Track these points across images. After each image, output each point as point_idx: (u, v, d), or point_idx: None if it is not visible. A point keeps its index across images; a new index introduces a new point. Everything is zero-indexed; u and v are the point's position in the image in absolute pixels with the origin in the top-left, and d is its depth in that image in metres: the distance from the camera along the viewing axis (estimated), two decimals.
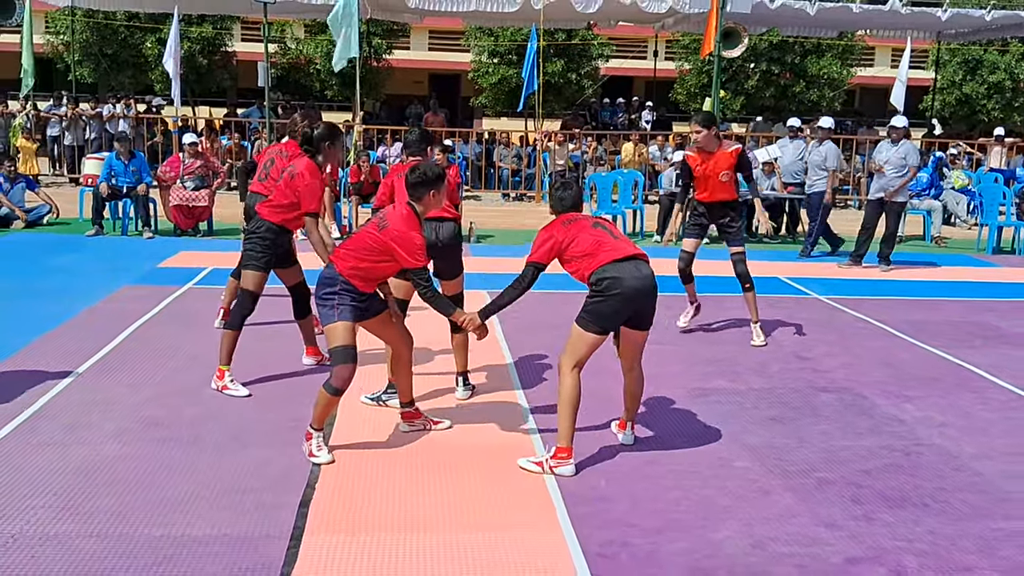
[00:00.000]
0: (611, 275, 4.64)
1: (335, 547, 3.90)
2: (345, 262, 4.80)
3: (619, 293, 4.63)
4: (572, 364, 4.72)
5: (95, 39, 25.26)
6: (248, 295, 5.92)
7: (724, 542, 4.06)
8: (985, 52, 27.46)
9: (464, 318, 4.91)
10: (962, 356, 7.26)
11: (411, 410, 5.33)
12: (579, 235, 4.76)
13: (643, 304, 4.77)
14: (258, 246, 5.91)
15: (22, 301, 8.13)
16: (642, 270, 4.71)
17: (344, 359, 4.72)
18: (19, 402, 5.50)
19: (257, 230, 5.95)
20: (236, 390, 5.83)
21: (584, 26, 22.90)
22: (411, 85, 32.90)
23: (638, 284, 4.67)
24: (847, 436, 5.45)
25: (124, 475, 4.55)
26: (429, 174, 4.86)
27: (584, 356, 4.74)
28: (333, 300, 4.77)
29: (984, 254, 12.96)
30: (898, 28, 19.47)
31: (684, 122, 26.84)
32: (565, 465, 4.69)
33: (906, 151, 10.99)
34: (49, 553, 3.76)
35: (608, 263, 4.66)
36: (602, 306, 4.68)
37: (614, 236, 4.83)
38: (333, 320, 4.75)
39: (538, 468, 4.72)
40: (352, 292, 4.79)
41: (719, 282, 10.09)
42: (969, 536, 4.19)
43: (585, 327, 4.71)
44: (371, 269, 4.81)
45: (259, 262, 5.92)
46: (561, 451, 4.71)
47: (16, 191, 12.93)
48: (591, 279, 4.70)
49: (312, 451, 4.81)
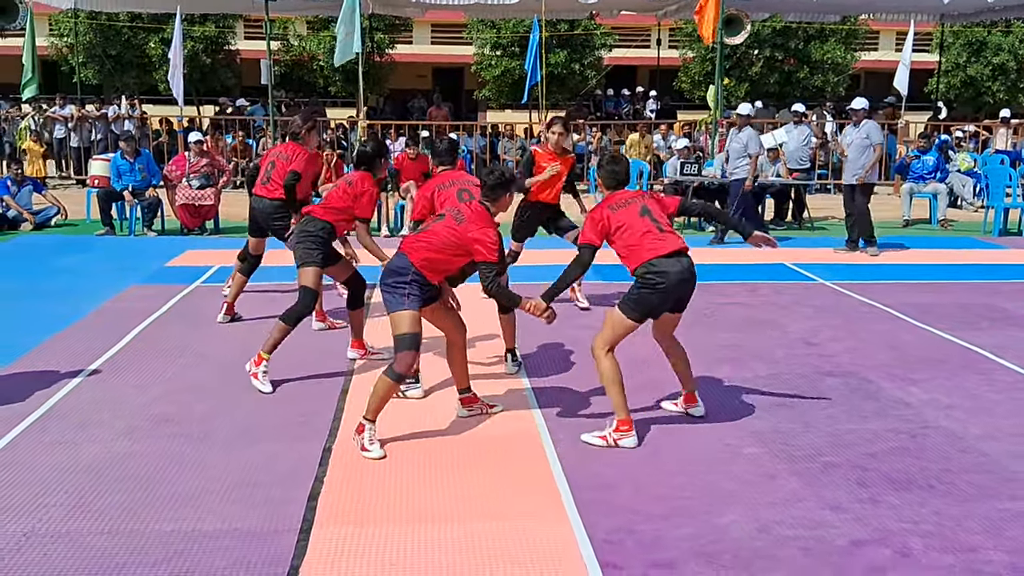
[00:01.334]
0: (657, 270, 4.87)
1: (344, 540, 3.94)
2: (419, 253, 4.90)
3: (665, 287, 4.89)
4: (608, 346, 4.96)
5: (99, 40, 25.33)
6: (310, 292, 6.10)
7: (730, 526, 4.09)
8: (989, 34, 27.35)
9: (530, 304, 4.97)
10: (968, 338, 7.26)
11: (469, 395, 5.47)
12: (627, 222, 4.98)
13: (684, 293, 5.05)
14: (313, 244, 6.15)
15: (31, 302, 8.19)
16: (684, 263, 4.95)
17: (411, 345, 4.83)
18: (30, 402, 5.55)
19: (312, 230, 6.17)
20: (262, 384, 5.87)
21: (586, 16, 22.86)
22: (414, 79, 32.92)
23: (681, 278, 4.93)
24: (853, 420, 5.47)
25: (135, 472, 4.59)
26: (507, 175, 5.08)
27: (619, 339, 4.99)
28: (404, 289, 4.87)
29: (990, 236, 12.93)
30: (901, 11, 19.39)
31: (689, 110, 26.82)
32: (627, 436, 4.93)
33: (868, 130, 10.93)
34: (61, 550, 3.81)
35: (654, 259, 4.89)
36: (648, 297, 4.92)
37: (660, 228, 5.00)
38: (403, 307, 4.85)
39: (602, 442, 4.94)
40: (422, 283, 4.91)
41: (720, 270, 10.11)
42: (975, 517, 4.20)
43: (627, 313, 4.94)
44: (444, 261, 4.94)
45: (316, 258, 6.15)
46: (622, 423, 4.94)
47: (23, 193, 13.01)
48: (637, 271, 4.94)
49: (365, 444, 4.82)
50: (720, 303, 8.39)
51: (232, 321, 7.45)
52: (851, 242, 11.22)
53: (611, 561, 3.77)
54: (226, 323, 7.43)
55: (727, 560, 3.80)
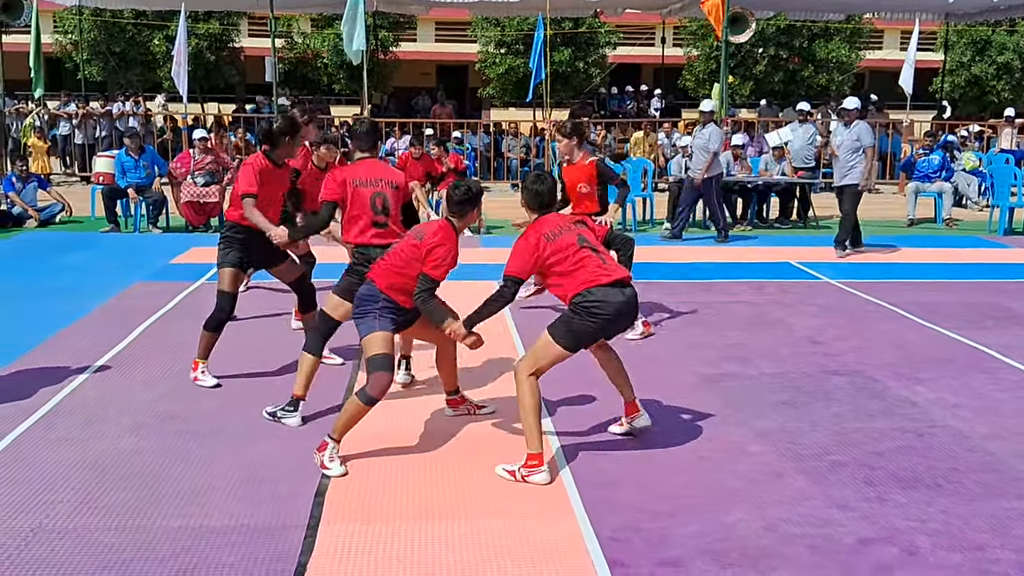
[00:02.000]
0: (598, 299, 4.51)
1: (351, 536, 3.94)
2: (384, 279, 4.76)
3: (604, 318, 4.53)
4: (531, 371, 4.59)
5: (103, 37, 25.36)
6: (224, 295, 5.88)
7: (736, 524, 4.08)
8: (993, 33, 27.32)
9: (451, 328, 4.72)
10: (974, 337, 7.25)
11: (456, 397, 5.43)
12: (564, 253, 4.59)
13: (621, 325, 4.72)
14: (225, 245, 5.91)
15: (36, 299, 8.20)
16: (627, 294, 4.61)
17: (383, 367, 4.62)
18: (36, 398, 5.56)
19: (224, 232, 5.97)
20: (205, 380, 5.85)
21: (591, 14, 22.87)
22: (418, 77, 32.93)
23: (623, 308, 4.58)
24: (859, 419, 5.46)
25: (141, 468, 4.60)
26: (473, 190, 4.82)
27: (545, 368, 4.63)
28: (374, 313, 4.72)
29: (995, 235, 12.90)
30: (906, 10, 19.35)
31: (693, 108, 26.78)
32: (538, 473, 4.50)
33: (858, 132, 10.84)
34: (69, 546, 3.81)
35: (594, 287, 4.53)
36: (582, 326, 4.56)
37: (601, 258, 4.67)
38: (373, 329, 4.68)
39: (510, 477, 4.53)
40: (394, 307, 4.76)
41: (725, 269, 10.11)
42: (982, 515, 4.20)
43: (557, 340, 4.58)
44: (409, 284, 4.72)
45: (229, 259, 5.88)
46: (532, 458, 4.53)
47: (28, 190, 13.02)
48: (575, 300, 4.56)
49: (324, 462, 4.61)
50: (725, 302, 8.38)
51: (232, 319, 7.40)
52: (855, 242, 11.18)
53: (618, 559, 3.77)
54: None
55: (734, 558, 3.79)
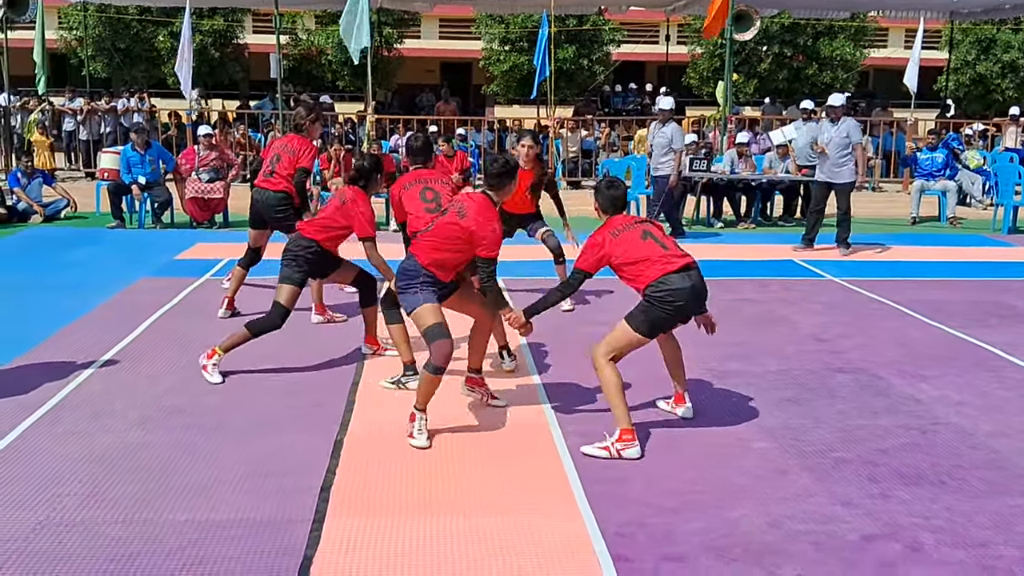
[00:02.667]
0: (668, 287, 4.76)
1: (357, 530, 3.96)
2: (426, 255, 4.93)
3: (676, 304, 4.79)
4: (609, 356, 4.84)
5: (108, 34, 25.41)
6: (280, 308, 5.94)
7: (741, 521, 4.09)
8: (998, 31, 27.30)
9: (511, 315, 5.04)
10: (978, 335, 7.26)
11: (477, 378, 5.54)
12: (630, 248, 4.86)
13: (694, 309, 4.97)
14: (295, 263, 5.99)
15: (42, 294, 8.22)
16: (694, 278, 4.85)
17: (441, 335, 4.82)
18: (42, 392, 5.58)
19: (296, 250, 6.02)
20: (211, 375, 5.88)
21: (595, 11, 22.84)
22: (422, 74, 32.94)
23: (693, 294, 4.84)
24: (863, 416, 5.47)
25: (148, 462, 4.62)
26: (511, 163, 5.06)
27: (622, 353, 4.88)
28: (416, 287, 4.92)
29: (999, 234, 12.90)
30: (910, 8, 19.33)
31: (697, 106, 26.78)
32: (631, 447, 4.75)
33: (847, 128, 10.78)
34: (76, 539, 3.83)
35: (663, 276, 4.78)
36: (658, 314, 4.81)
37: (664, 247, 4.90)
38: (419, 304, 4.89)
39: (605, 453, 4.75)
40: (434, 281, 4.94)
41: (730, 266, 10.11)
42: (986, 512, 4.21)
43: (636, 328, 4.83)
44: (451, 258, 4.96)
45: (295, 278, 5.99)
46: (625, 433, 4.77)
47: (34, 186, 13.05)
48: (647, 290, 4.81)
49: (413, 432, 4.89)
50: (730, 299, 8.38)
51: (232, 316, 7.44)
52: (807, 239, 11.11)
53: (623, 554, 3.78)
54: (227, 318, 7.43)
55: (738, 554, 3.81)
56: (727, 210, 13.71)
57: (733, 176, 13.49)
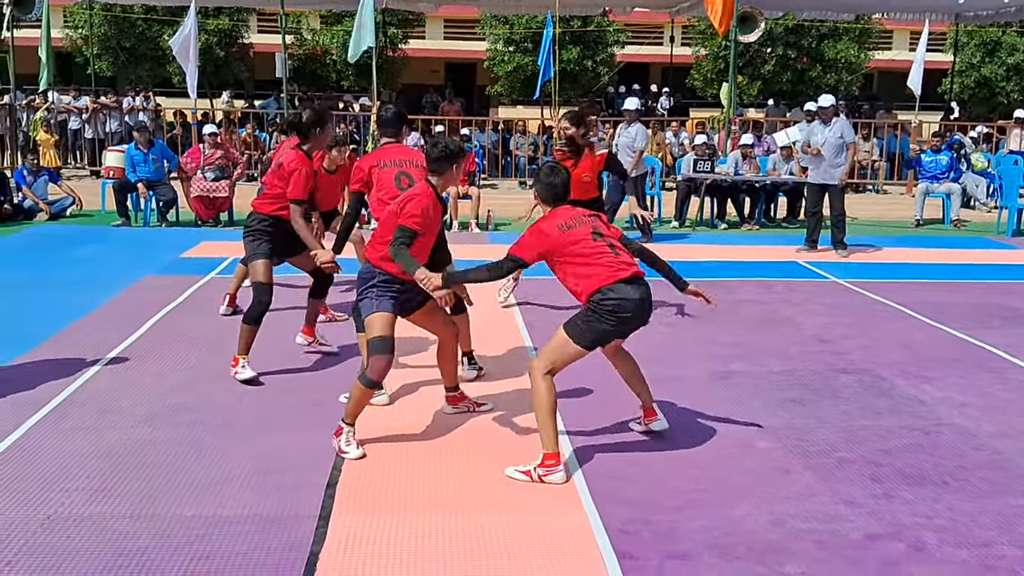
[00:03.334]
0: (616, 297, 4.42)
1: (362, 527, 3.98)
2: (374, 252, 4.80)
3: (622, 316, 4.46)
4: (547, 369, 4.53)
5: (113, 32, 25.44)
6: (261, 286, 5.91)
7: (744, 519, 4.11)
8: (1003, 34, 27.27)
9: (425, 276, 4.56)
10: (981, 337, 7.27)
11: (455, 394, 5.40)
12: (578, 246, 4.51)
13: (639, 323, 4.62)
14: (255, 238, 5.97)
15: (48, 291, 8.25)
16: (643, 291, 4.52)
17: (381, 350, 4.64)
18: (49, 389, 5.61)
19: (253, 224, 6.01)
20: (246, 373, 5.86)
21: (600, 12, 22.86)
22: (427, 74, 32.94)
23: (641, 308, 4.51)
24: (867, 416, 5.49)
25: (154, 458, 4.64)
26: (451, 147, 4.80)
27: (561, 365, 4.57)
28: (372, 292, 4.75)
29: (1003, 236, 12.91)
30: (915, 10, 19.33)
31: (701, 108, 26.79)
32: (555, 472, 4.45)
33: (841, 129, 10.78)
34: (84, 533, 3.86)
35: (611, 284, 4.44)
36: (601, 325, 4.48)
37: (615, 252, 4.56)
38: (372, 311, 4.71)
39: (526, 477, 4.47)
40: (389, 282, 4.75)
41: (733, 267, 10.13)
42: (989, 513, 4.23)
43: (576, 339, 4.50)
44: None
45: (262, 251, 5.95)
46: (549, 458, 4.47)
47: (39, 184, 13.09)
48: (592, 298, 4.47)
49: (341, 447, 4.72)
50: (733, 300, 8.40)
51: (234, 314, 7.45)
52: (811, 241, 11.13)
53: (627, 551, 3.80)
54: (228, 315, 7.46)
55: (741, 552, 3.83)
56: (731, 211, 13.72)
57: (737, 177, 13.51)
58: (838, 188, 10.82)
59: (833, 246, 11.01)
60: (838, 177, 10.77)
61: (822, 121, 10.97)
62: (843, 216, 11.00)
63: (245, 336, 5.90)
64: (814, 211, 11.13)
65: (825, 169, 10.85)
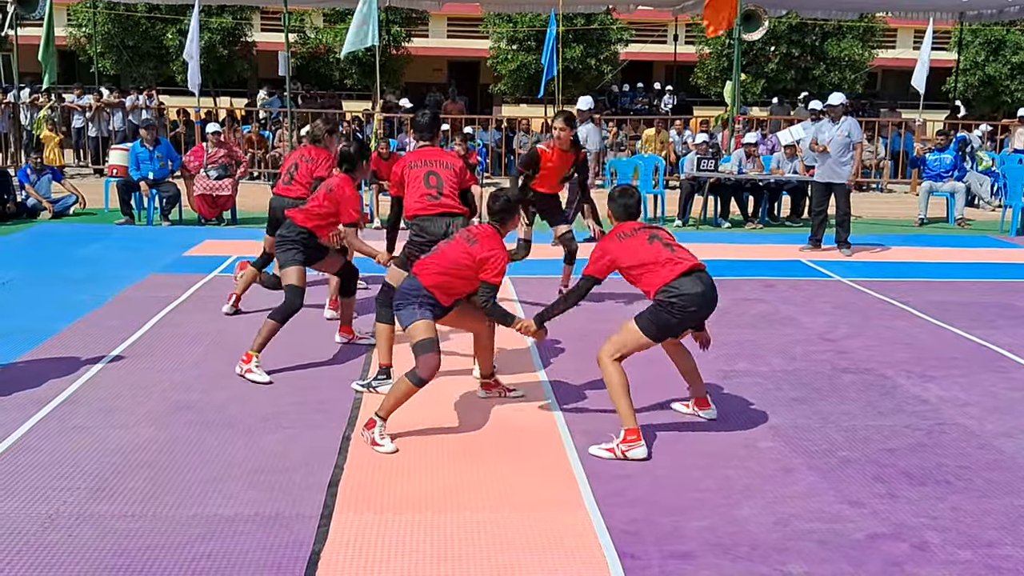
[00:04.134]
0: (681, 292, 4.71)
1: (364, 525, 3.98)
2: (429, 277, 4.96)
3: (688, 310, 4.74)
4: (616, 356, 4.81)
5: (117, 31, 25.49)
6: (295, 288, 6.05)
7: (747, 519, 4.11)
8: (1008, 32, 27.24)
9: (521, 325, 5.05)
10: (985, 336, 7.25)
11: (490, 381, 5.66)
12: (636, 251, 4.84)
13: (706, 313, 4.92)
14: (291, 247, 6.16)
15: (52, 289, 8.26)
16: (705, 282, 4.81)
17: (430, 349, 4.84)
18: (52, 387, 5.61)
19: (290, 235, 6.18)
20: (259, 375, 5.88)
21: (603, 10, 22.86)
22: (430, 73, 32.98)
23: (703, 299, 4.78)
24: (870, 416, 5.48)
25: (157, 457, 4.64)
26: (512, 201, 5.22)
27: (629, 353, 4.85)
28: (415, 303, 4.94)
29: (1008, 235, 12.88)
30: (920, 9, 19.31)
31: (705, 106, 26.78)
32: (637, 447, 4.72)
33: (848, 128, 10.76)
34: (87, 532, 3.86)
35: (674, 279, 4.73)
36: (669, 318, 4.76)
37: (672, 249, 4.87)
38: (415, 319, 4.90)
39: (610, 454, 4.73)
40: (433, 304, 4.97)
41: (737, 266, 10.12)
42: (992, 513, 4.22)
43: (644, 330, 4.78)
44: (456, 284, 5.00)
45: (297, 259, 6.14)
46: (630, 433, 4.74)
47: (43, 182, 13.10)
48: (657, 295, 4.76)
49: (375, 439, 4.80)
50: (737, 299, 8.39)
51: (235, 313, 7.46)
52: (815, 240, 11.11)
53: (629, 551, 3.80)
54: (231, 314, 7.46)
55: (744, 552, 3.82)
56: (734, 210, 13.71)
57: (740, 176, 13.49)
58: (844, 187, 10.79)
59: (837, 245, 11.00)
60: (844, 176, 10.75)
61: (830, 119, 10.95)
62: (848, 215, 10.98)
63: (268, 332, 5.96)
64: (819, 210, 11.10)
65: (830, 167, 10.82)
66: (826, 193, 10.98)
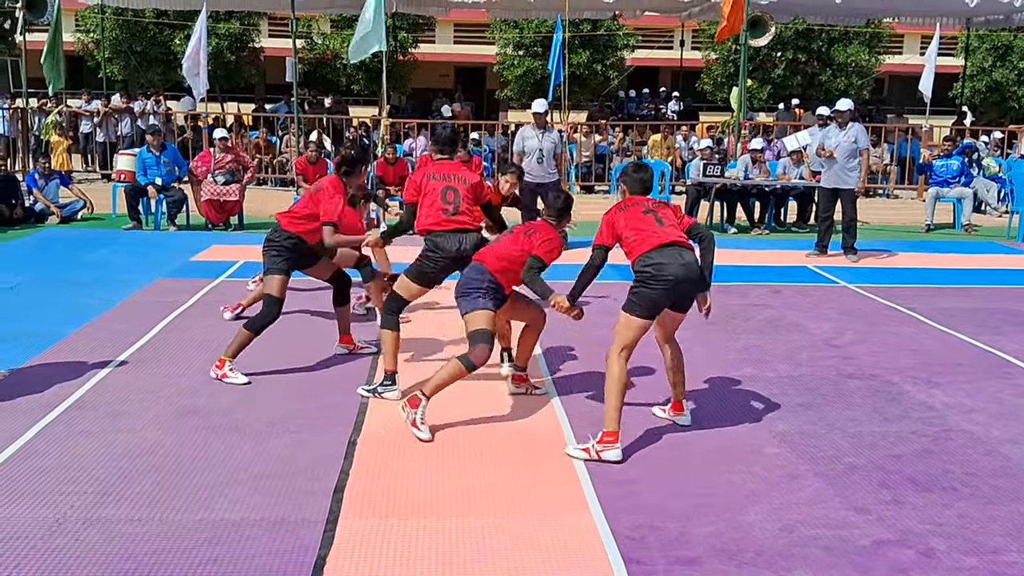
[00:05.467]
0: (654, 262, 4.77)
1: (370, 531, 3.99)
2: (495, 263, 5.23)
3: (662, 279, 4.76)
4: (620, 349, 4.84)
5: (125, 36, 25.55)
6: (273, 300, 6.01)
7: (752, 525, 4.11)
8: (1015, 38, 27.18)
9: (557, 301, 5.09)
10: (991, 343, 7.24)
11: (522, 374, 5.83)
12: (631, 220, 4.96)
13: (686, 290, 4.92)
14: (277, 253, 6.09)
15: (59, 294, 8.29)
16: (684, 257, 4.83)
17: (486, 340, 5.06)
18: (59, 391, 5.63)
19: (277, 239, 6.11)
20: (235, 377, 5.92)
21: (610, 16, 22.87)
22: (437, 78, 33.03)
23: (680, 272, 4.78)
24: (876, 422, 5.48)
25: (163, 462, 4.66)
26: (571, 200, 5.52)
27: (632, 341, 4.87)
28: (479, 292, 5.17)
29: (1014, 241, 12.85)
30: (927, 15, 19.29)
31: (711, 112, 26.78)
32: (611, 449, 4.74)
33: (855, 134, 10.74)
34: (94, 536, 3.87)
35: (650, 250, 4.81)
36: (646, 292, 4.81)
37: (660, 223, 4.94)
38: (477, 308, 5.14)
39: (585, 454, 4.78)
40: (497, 289, 5.22)
41: (743, 272, 10.11)
42: (999, 519, 4.21)
43: (631, 312, 4.85)
44: (515, 269, 5.22)
45: (281, 266, 6.08)
46: (607, 435, 4.77)
47: (50, 187, 13.15)
48: (636, 265, 4.86)
49: (416, 421, 5.02)
50: (743, 304, 8.39)
51: (237, 318, 7.42)
52: (821, 246, 11.09)
53: (634, 557, 3.80)
54: (232, 320, 7.45)
55: (749, 558, 3.82)
56: (740, 216, 13.70)
57: (747, 181, 13.49)
58: (851, 193, 10.77)
59: (843, 251, 10.99)
60: (852, 182, 10.73)
61: (837, 124, 10.95)
62: (855, 221, 10.97)
63: (242, 341, 5.97)
64: (826, 215, 11.09)
65: (837, 173, 10.80)
66: (832, 199, 10.97)
